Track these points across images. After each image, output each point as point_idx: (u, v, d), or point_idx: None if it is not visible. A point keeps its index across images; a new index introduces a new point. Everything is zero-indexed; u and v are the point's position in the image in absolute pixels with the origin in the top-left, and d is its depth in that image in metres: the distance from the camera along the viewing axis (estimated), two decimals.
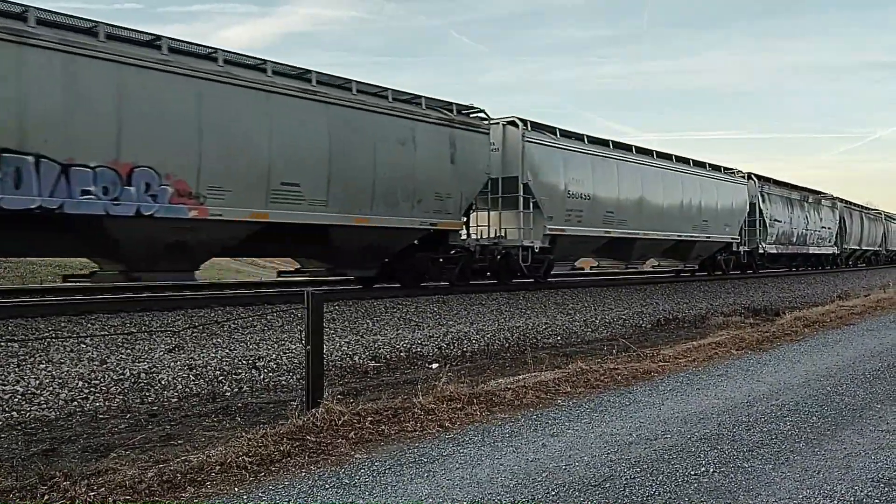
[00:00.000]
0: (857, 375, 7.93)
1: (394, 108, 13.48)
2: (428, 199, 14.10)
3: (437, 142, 14.29)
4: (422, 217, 14.06)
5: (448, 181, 14.48)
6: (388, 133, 13.32)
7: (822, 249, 35.02)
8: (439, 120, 14.47)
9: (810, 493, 4.12)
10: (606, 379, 7.54)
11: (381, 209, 13.21)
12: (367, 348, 9.94)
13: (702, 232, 23.79)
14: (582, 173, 18.11)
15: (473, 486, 4.25)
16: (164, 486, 4.14)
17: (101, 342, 8.46)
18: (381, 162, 13.13)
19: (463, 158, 14.79)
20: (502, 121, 16.69)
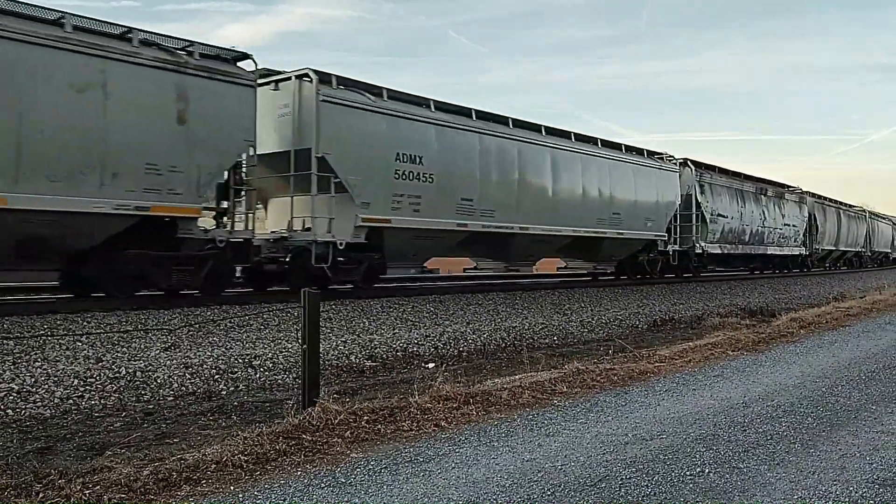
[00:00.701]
0: (853, 377, 7.94)
1: (75, 40, 9.60)
2: (133, 172, 10.23)
3: (152, 92, 10.40)
4: (121, 199, 10.12)
5: (173, 149, 10.63)
6: (55, 72, 9.43)
7: (785, 250, 31.13)
8: (156, 61, 10.46)
9: (805, 494, 4.13)
10: (603, 379, 7.55)
11: (37, 185, 9.34)
12: (363, 347, 9.93)
13: (612, 227, 19.53)
14: (421, 147, 14.14)
15: (469, 486, 4.25)
16: (159, 485, 4.13)
17: (96, 340, 8.45)
18: (39, 116, 9.35)
19: (203, 118, 10.91)
20: (293, 74, 12.92)
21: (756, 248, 28.05)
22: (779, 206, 30.24)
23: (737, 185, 26.77)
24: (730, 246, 25.85)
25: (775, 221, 29.52)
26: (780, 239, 30.37)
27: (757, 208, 27.89)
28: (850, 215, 42.09)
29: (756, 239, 27.84)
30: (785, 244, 30.93)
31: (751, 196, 27.70)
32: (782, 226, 30.42)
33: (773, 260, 31.36)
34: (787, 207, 31.16)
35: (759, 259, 30.12)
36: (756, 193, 28.21)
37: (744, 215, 26.73)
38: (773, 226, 29.31)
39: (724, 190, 25.59)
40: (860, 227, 44.22)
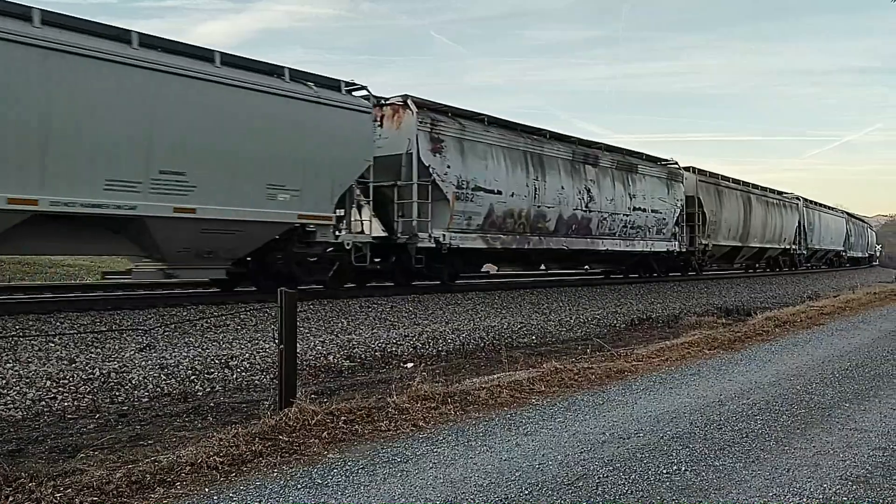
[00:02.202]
0: (827, 375, 8.04)
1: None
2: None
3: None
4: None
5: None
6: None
7: (638, 245, 21.81)
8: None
9: (780, 492, 4.16)
10: (580, 378, 7.57)
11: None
12: (341, 347, 9.88)
13: None
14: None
15: (447, 486, 4.23)
16: (132, 487, 4.07)
17: (69, 341, 8.33)
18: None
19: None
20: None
21: (569, 241, 18.69)
22: (625, 182, 21.02)
23: (522, 145, 17.39)
24: (508, 237, 16.62)
25: (618, 204, 20.51)
26: (630, 230, 21.31)
27: (574, 183, 18.77)
28: (769, 202, 32.38)
29: (572, 228, 18.76)
30: (638, 237, 21.74)
31: (559, 165, 18.43)
32: (632, 210, 21.16)
33: (616, 258, 22.43)
34: (645, 186, 21.95)
35: (588, 256, 21.08)
36: (574, 162, 19.09)
37: (539, 190, 17.48)
38: (614, 210, 20.33)
39: (485, 149, 16.25)
40: (786, 220, 34.55)
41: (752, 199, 30.50)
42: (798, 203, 37.25)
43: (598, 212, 19.65)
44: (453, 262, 16.16)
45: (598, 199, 19.74)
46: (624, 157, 21.60)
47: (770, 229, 32.28)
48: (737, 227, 28.73)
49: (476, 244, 15.96)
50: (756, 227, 30.43)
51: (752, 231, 30.06)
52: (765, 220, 31.53)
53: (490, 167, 16.20)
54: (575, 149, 19.45)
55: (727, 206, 27.80)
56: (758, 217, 30.63)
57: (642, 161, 22.44)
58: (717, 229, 26.77)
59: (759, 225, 30.77)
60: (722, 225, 27.28)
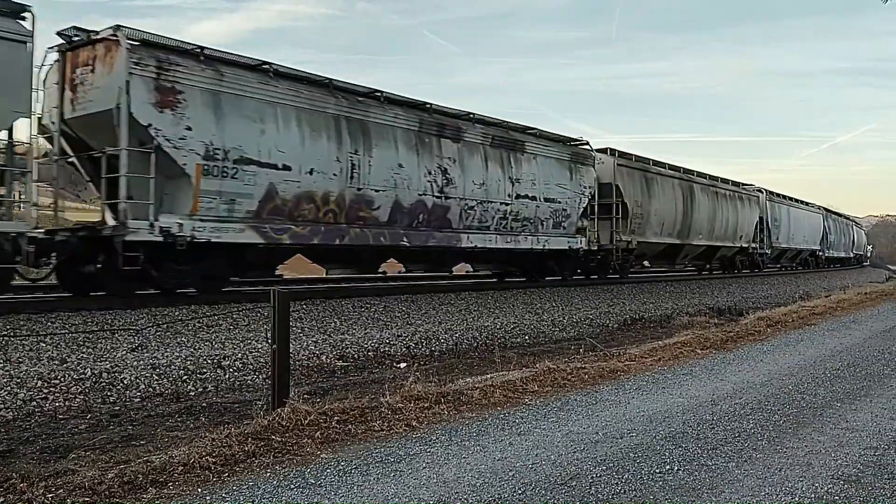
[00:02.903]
0: (818, 375, 8.07)
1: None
2: None
3: None
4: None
5: None
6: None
7: (523, 243, 17.53)
8: None
9: (772, 491, 4.18)
10: (573, 378, 7.58)
11: None
12: (334, 347, 9.87)
13: None
14: None
15: (440, 486, 4.23)
16: (124, 488, 4.05)
17: (61, 341, 8.29)
18: None
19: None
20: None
21: (412, 235, 14.53)
22: (505, 163, 16.91)
23: (334, 108, 13.18)
24: (304, 228, 12.53)
25: (491, 191, 16.39)
26: (512, 223, 17.12)
27: (421, 161, 14.68)
28: (720, 193, 28.15)
29: (419, 219, 14.66)
30: (525, 232, 17.61)
31: (396, 136, 14.19)
32: (512, 199, 17.04)
33: (491, 258, 17.94)
34: (536, 169, 17.82)
35: (437, 254, 16.07)
36: (422, 134, 14.84)
37: (362, 169, 13.36)
38: (484, 198, 16.17)
39: (277, 111, 12.22)
40: (745, 213, 30.45)
41: (696, 190, 25.92)
42: (760, 196, 32.94)
43: (459, 199, 15.23)
44: (215, 263, 11.80)
45: (461, 183, 15.31)
46: (506, 132, 17.21)
47: (721, 225, 27.94)
48: (674, 221, 24.15)
49: (244, 237, 11.67)
50: (701, 221, 25.98)
51: (695, 226, 25.53)
52: (713, 214, 27.07)
53: (269, 133, 11.91)
54: (424, 117, 14.89)
55: (660, 196, 23.19)
56: (703, 210, 26.18)
57: (533, 138, 18.04)
58: (644, 223, 22.33)
59: (704, 219, 26.29)
60: (652, 218, 22.74)
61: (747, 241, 31.11)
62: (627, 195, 21.60)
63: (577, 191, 19.42)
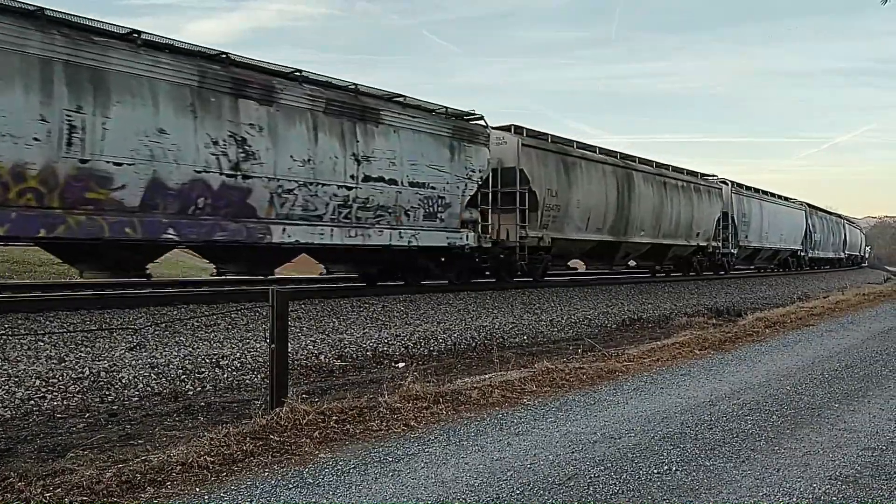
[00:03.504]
0: (816, 375, 8.08)
1: None
2: None
3: None
4: None
5: None
6: None
7: (377, 237, 13.57)
8: None
9: (770, 491, 4.18)
10: (572, 378, 7.58)
11: None
12: (332, 347, 9.87)
13: None
14: None
15: (438, 486, 4.23)
16: (122, 487, 4.05)
17: (59, 340, 8.29)
18: None
19: None
20: None
21: (185, 225, 10.76)
22: (347, 135, 13.10)
23: (38, 46, 9.34)
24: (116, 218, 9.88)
25: (321, 170, 12.63)
26: (359, 212, 13.27)
27: (201, 126, 10.92)
28: (669, 184, 24.26)
29: (198, 204, 10.85)
30: (381, 224, 13.71)
31: (154, 92, 10.47)
32: (359, 181, 13.28)
33: (327, 255, 14.52)
34: (396, 144, 14.07)
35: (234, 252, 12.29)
36: (204, 91, 11.04)
37: (88, 133, 9.73)
38: (312, 178, 12.48)
39: None
40: (703, 207, 26.58)
41: (636, 179, 22.20)
42: (723, 188, 29.08)
43: (267, 179, 11.64)
44: None
45: (272, 159, 11.72)
46: (353, 96, 13.49)
47: (670, 220, 24.11)
48: (604, 214, 20.50)
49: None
50: (643, 215, 22.36)
51: (635, 221, 21.99)
52: (660, 208, 23.35)
53: None
54: (210, 70, 11.13)
55: (584, 184, 19.65)
56: (646, 203, 22.52)
57: (395, 107, 14.23)
58: (563, 217, 18.86)
59: (648, 213, 22.66)
60: (573, 211, 19.23)
61: (706, 239, 27.21)
62: (538, 182, 17.91)
63: (462, 174, 15.56)
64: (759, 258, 35.07)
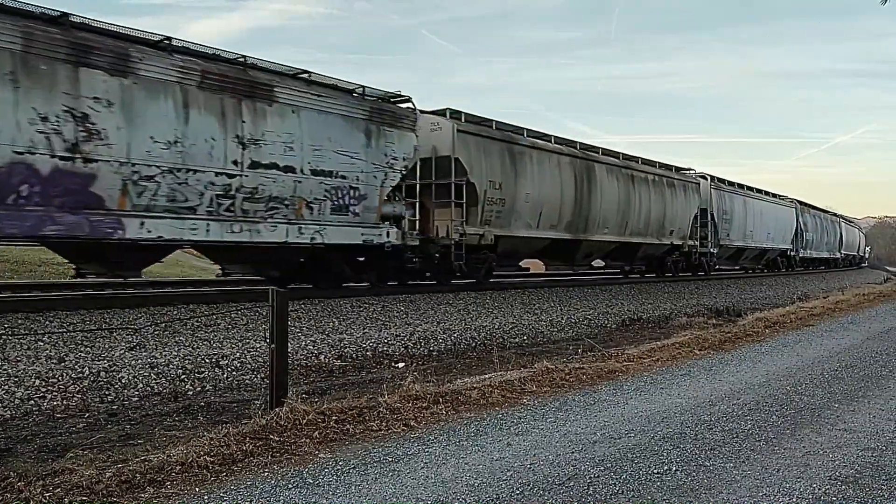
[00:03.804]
0: (816, 376, 8.08)
1: None
2: None
3: None
4: None
5: None
6: None
7: (270, 233, 11.74)
8: None
9: (770, 492, 4.18)
10: (572, 378, 7.58)
11: None
12: (332, 347, 9.87)
13: None
14: None
15: (438, 486, 4.23)
16: (122, 487, 4.05)
17: (59, 340, 8.28)
18: None
19: None
20: None
21: None
22: (228, 113, 11.26)
23: None
24: None
25: (193, 153, 10.75)
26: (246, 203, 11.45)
27: (23, 99, 9.00)
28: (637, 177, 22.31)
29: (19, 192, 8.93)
30: (275, 218, 11.87)
31: None
32: (244, 168, 11.43)
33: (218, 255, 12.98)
34: (294, 125, 12.20)
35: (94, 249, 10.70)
36: (28, 56, 9.06)
37: None
38: (179, 163, 10.60)
39: None
40: (679, 204, 24.64)
41: (598, 172, 20.28)
42: (701, 182, 26.82)
43: (118, 163, 9.87)
44: None
45: (121, 139, 9.90)
46: (241, 70, 11.70)
47: (639, 216, 22.26)
48: (559, 209, 18.59)
49: None
50: (606, 211, 20.51)
51: (597, 217, 20.10)
52: (626, 203, 21.50)
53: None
54: (38, 32, 9.28)
55: (535, 176, 17.77)
56: (610, 197, 20.70)
57: (295, 83, 12.38)
58: (509, 212, 16.98)
59: (612, 209, 20.83)
60: (521, 205, 17.35)
61: (681, 237, 25.04)
62: (477, 173, 16.03)
63: (381, 163, 13.66)
64: (745, 258, 33.08)
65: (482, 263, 16.80)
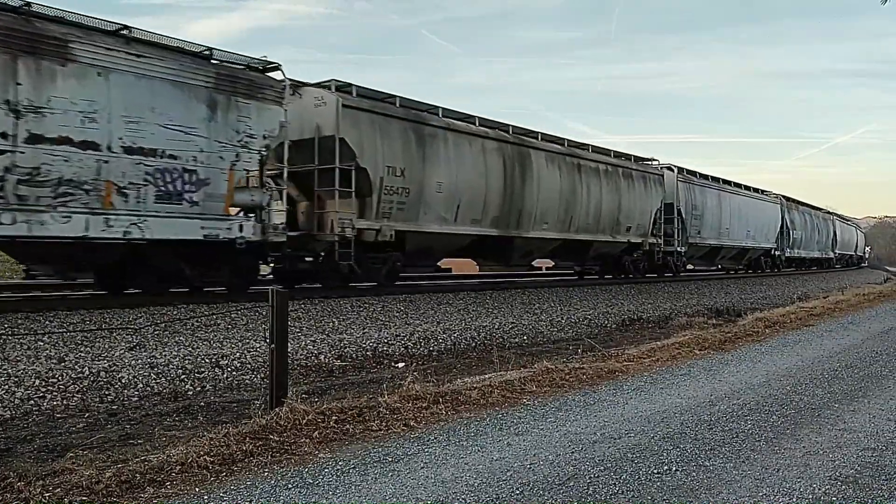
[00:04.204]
0: (816, 375, 8.07)
1: None
2: None
3: None
4: None
5: None
6: None
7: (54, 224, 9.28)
8: None
9: (770, 492, 4.18)
10: (572, 378, 7.58)
11: None
12: (332, 347, 9.87)
13: None
14: None
15: (438, 486, 4.23)
16: (122, 487, 4.05)
17: (59, 340, 8.28)
18: None
19: None
20: None
21: None
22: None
23: None
24: None
25: None
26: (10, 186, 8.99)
27: None
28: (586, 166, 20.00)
29: None
30: (67, 204, 9.47)
31: None
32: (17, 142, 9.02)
33: None
34: (103, 92, 9.80)
35: None
36: None
37: None
38: None
39: None
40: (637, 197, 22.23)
41: (535, 159, 18.11)
42: (665, 174, 24.05)
43: None
44: None
45: None
46: (23, 20, 9.42)
47: (588, 210, 19.86)
48: (483, 201, 16.44)
49: None
50: (545, 204, 18.34)
51: (531, 210, 17.91)
52: (571, 196, 19.22)
53: None
54: None
55: (452, 162, 15.58)
56: (550, 188, 18.43)
57: (95, 38, 9.94)
58: (416, 203, 14.78)
59: (552, 202, 18.50)
60: (431, 196, 15.11)
61: (641, 234, 22.41)
62: (370, 157, 13.76)
63: (231, 141, 11.31)
64: (722, 258, 30.41)
65: (383, 264, 14.64)
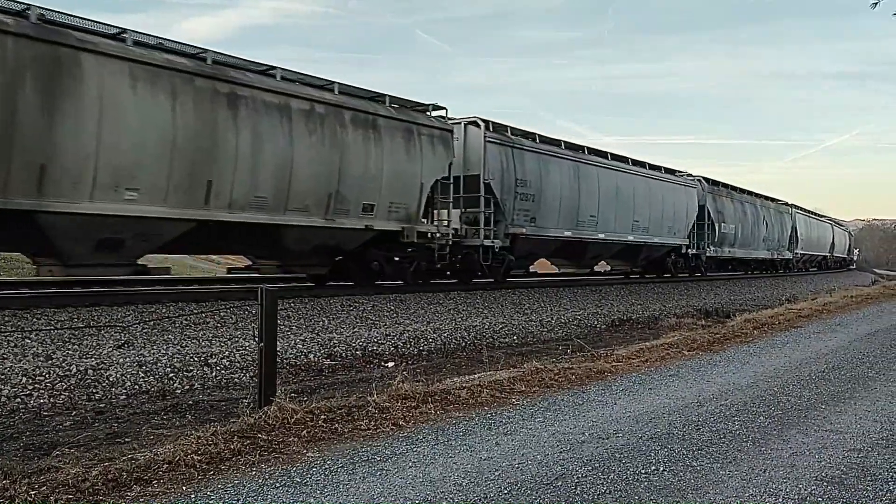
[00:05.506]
0: (804, 377, 8.12)
1: None
2: None
3: None
4: None
5: None
6: None
7: None
8: None
9: (756, 492, 4.20)
10: (561, 378, 7.59)
11: None
12: (322, 346, 9.85)
13: None
14: None
15: (426, 485, 4.23)
16: (108, 485, 4.03)
17: (46, 337, 8.23)
18: None
19: None
20: None
21: None
22: None
23: None
24: None
25: None
26: None
27: None
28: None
29: None
30: None
31: None
32: None
33: None
34: None
35: None
36: None
37: None
38: None
39: None
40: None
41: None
42: (454, 130, 15.78)
43: None
44: None
45: None
46: None
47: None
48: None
49: None
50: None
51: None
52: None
53: None
54: None
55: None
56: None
57: None
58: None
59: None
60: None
61: (402, 217, 14.28)
62: None
63: None
64: (590, 256, 22.34)
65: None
